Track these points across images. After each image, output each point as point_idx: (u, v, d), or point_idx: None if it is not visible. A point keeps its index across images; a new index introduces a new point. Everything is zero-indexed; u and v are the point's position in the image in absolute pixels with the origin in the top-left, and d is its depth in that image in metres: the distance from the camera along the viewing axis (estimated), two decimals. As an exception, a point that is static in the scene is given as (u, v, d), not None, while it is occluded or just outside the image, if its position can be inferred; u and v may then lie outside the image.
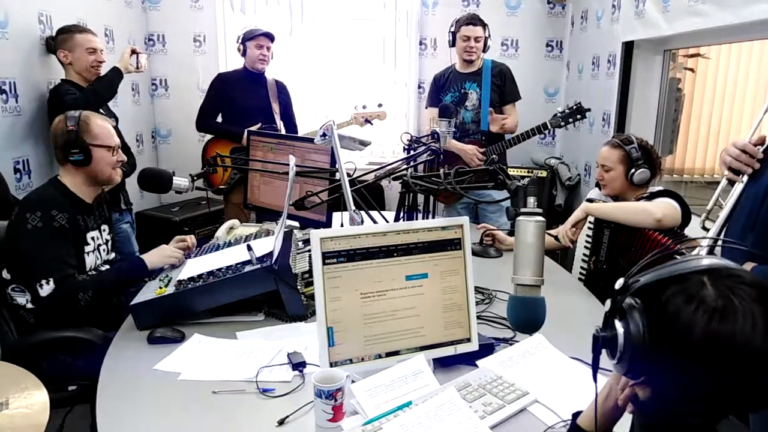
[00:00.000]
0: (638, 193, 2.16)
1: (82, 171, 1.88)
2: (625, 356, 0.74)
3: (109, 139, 1.91)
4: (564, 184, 3.98)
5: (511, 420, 1.19)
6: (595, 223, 2.13)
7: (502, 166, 1.37)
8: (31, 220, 1.75)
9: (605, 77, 3.61)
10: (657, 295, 0.72)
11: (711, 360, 0.68)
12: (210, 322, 1.65)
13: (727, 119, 3.75)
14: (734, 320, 0.67)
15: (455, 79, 3.23)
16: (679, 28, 2.72)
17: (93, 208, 1.97)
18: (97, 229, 1.97)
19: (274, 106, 3.37)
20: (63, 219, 1.79)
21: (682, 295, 0.70)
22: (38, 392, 1.18)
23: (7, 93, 2.42)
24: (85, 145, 1.84)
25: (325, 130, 1.68)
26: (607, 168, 2.18)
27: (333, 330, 1.25)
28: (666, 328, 0.70)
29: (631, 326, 0.73)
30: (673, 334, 0.70)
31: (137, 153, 3.83)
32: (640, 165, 2.11)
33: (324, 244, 1.25)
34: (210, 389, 1.30)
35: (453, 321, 1.35)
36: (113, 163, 1.93)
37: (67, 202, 1.85)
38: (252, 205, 2.58)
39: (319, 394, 1.13)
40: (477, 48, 3.11)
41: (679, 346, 0.69)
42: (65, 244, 1.80)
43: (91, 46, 2.62)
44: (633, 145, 2.14)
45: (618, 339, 0.74)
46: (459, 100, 3.19)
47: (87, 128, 1.86)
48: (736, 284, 0.70)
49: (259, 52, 3.26)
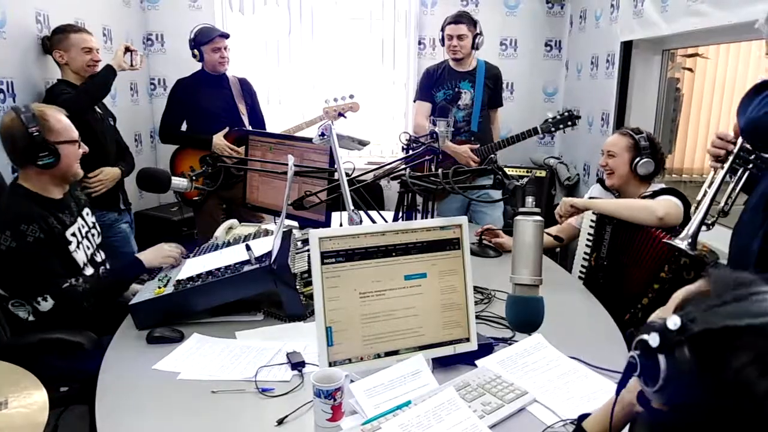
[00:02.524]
0: (640, 186, 2.17)
1: (48, 172, 1.77)
2: (666, 390, 0.67)
3: (71, 131, 1.82)
4: (563, 184, 3.98)
5: (510, 419, 1.18)
6: (597, 220, 2.12)
7: (500, 166, 1.38)
8: (3, 240, 1.66)
9: (604, 77, 3.61)
10: (721, 353, 0.62)
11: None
12: (209, 322, 1.65)
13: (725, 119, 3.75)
14: None
15: (450, 76, 3.19)
16: (677, 27, 2.73)
17: (65, 202, 1.87)
18: (78, 219, 1.91)
19: (240, 107, 3.25)
20: (35, 231, 1.69)
21: (758, 365, 0.60)
22: (37, 392, 1.18)
23: (5, 93, 2.41)
24: (51, 145, 1.74)
25: (324, 129, 1.68)
26: (612, 153, 2.17)
27: (332, 330, 1.25)
28: (727, 392, 0.62)
29: (680, 374, 0.65)
30: (733, 396, 0.62)
31: (135, 153, 3.82)
32: (646, 155, 2.11)
33: (323, 244, 1.25)
34: (209, 389, 1.30)
35: (452, 321, 1.35)
36: (78, 156, 1.84)
37: (34, 209, 1.74)
38: (251, 204, 2.58)
39: (318, 394, 1.13)
40: (461, 46, 3.07)
41: (736, 402, 0.62)
42: (46, 256, 1.72)
43: (86, 46, 2.61)
44: (642, 135, 2.15)
45: (660, 374, 0.67)
46: (452, 98, 3.17)
47: (47, 126, 1.75)
48: None
49: (217, 55, 3.12)
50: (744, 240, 1.49)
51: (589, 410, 0.99)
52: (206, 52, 3.13)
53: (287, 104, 4.27)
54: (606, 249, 2.10)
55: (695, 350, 0.64)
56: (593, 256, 2.15)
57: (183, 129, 3.27)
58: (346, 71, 4.26)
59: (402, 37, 4.29)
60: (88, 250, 1.92)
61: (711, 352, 0.63)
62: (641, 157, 2.11)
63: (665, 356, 0.66)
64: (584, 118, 3.94)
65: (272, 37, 4.19)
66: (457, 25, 3.06)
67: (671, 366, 0.66)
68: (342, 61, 4.26)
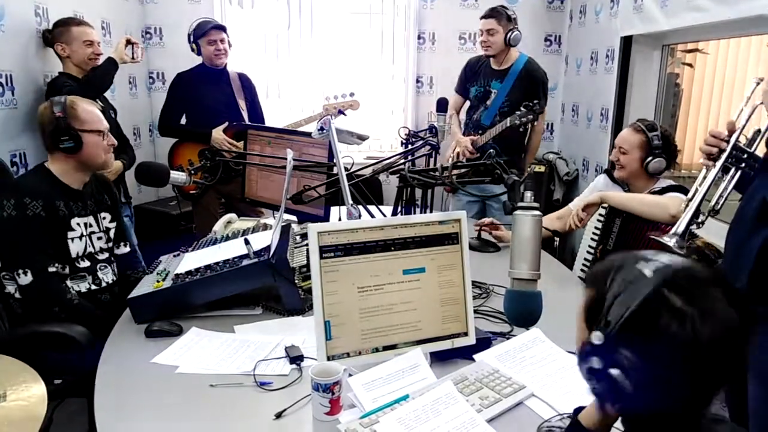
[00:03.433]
0: (648, 182, 2.16)
1: (72, 158, 1.86)
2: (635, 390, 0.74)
3: (98, 123, 1.89)
4: (562, 179, 3.98)
5: (507, 413, 1.19)
6: (607, 213, 2.12)
7: (499, 161, 1.37)
8: (6, 207, 1.73)
9: (603, 72, 3.61)
10: (643, 331, 0.73)
11: (695, 357, 0.72)
12: (207, 316, 1.65)
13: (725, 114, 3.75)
14: (711, 316, 0.71)
15: (485, 73, 3.14)
16: (677, 22, 2.72)
17: (82, 195, 1.93)
18: (90, 216, 1.94)
19: (239, 102, 3.24)
20: (37, 207, 1.76)
21: (663, 316, 0.72)
22: (36, 385, 1.18)
23: (4, 86, 2.41)
24: (74, 131, 1.82)
25: (323, 124, 1.68)
26: (624, 151, 2.15)
27: (330, 324, 1.25)
28: (658, 346, 0.73)
29: (631, 369, 0.73)
30: (664, 347, 0.72)
31: (134, 146, 3.81)
32: (658, 154, 2.09)
33: (321, 238, 1.25)
34: (207, 382, 1.30)
35: (450, 315, 1.35)
36: (105, 147, 1.90)
37: (44, 187, 1.81)
38: (250, 198, 2.58)
39: (316, 388, 1.13)
40: (491, 42, 3.01)
41: (670, 355, 0.72)
42: (39, 233, 1.77)
43: (88, 39, 2.61)
44: (656, 132, 2.11)
45: (623, 383, 0.74)
46: (482, 96, 3.13)
47: (74, 114, 1.83)
48: (692, 284, 0.74)
49: (213, 48, 3.09)
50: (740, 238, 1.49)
51: (585, 404, 0.99)
52: (203, 45, 3.12)
53: (287, 98, 4.26)
54: (614, 242, 2.10)
55: (626, 345, 0.73)
56: (599, 249, 2.14)
57: (182, 123, 3.27)
58: (346, 66, 4.25)
59: (401, 31, 4.28)
60: (88, 248, 1.93)
61: (637, 336, 0.73)
62: (653, 157, 2.09)
63: (614, 368, 0.73)
64: (584, 114, 3.94)
65: (271, 30, 4.18)
66: (487, 20, 3.01)
67: (623, 370, 0.73)
68: (341, 55, 4.25)
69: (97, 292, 1.95)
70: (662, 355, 0.72)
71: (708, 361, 0.72)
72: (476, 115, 3.13)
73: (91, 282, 1.93)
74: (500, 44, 3.02)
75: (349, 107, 3.33)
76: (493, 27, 2.98)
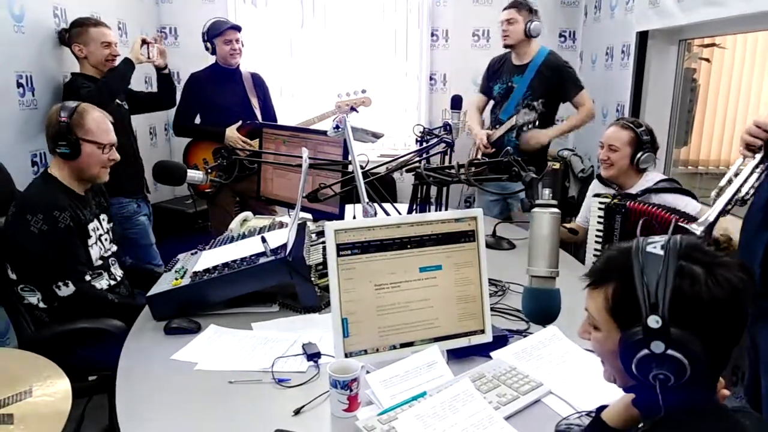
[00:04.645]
0: (637, 176, 2.21)
1: (68, 164, 1.85)
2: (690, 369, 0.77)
3: (102, 135, 1.87)
4: (577, 176, 3.95)
5: (525, 411, 1.19)
6: (605, 212, 2.12)
7: (517, 158, 1.37)
8: (34, 222, 1.72)
9: (619, 68, 3.58)
10: (691, 309, 0.76)
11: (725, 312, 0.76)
12: (225, 313, 1.67)
13: (743, 110, 3.70)
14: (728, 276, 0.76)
15: (507, 70, 3.12)
16: (694, 17, 2.69)
17: (87, 199, 1.95)
18: (95, 219, 1.96)
19: (252, 101, 3.27)
20: (66, 219, 1.77)
21: (695, 286, 0.76)
22: (61, 381, 1.20)
23: (24, 86, 2.44)
24: (74, 138, 1.80)
25: (338, 122, 1.68)
26: (615, 148, 2.19)
27: (348, 321, 1.26)
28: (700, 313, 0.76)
29: (691, 349, 0.75)
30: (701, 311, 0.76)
31: (150, 145, 3.86)
32: (647, 149, 2.15)
33: (338, 236, 1.26)
34: (226, 379, 1.31)
35: (467, 313, 1.35)
36: (103, 161, 1.88)
37: (64, 198, 1.82)
38: (265, 197, 2.60)
39: (334, 384, 1.14)
40: (510, 31, 2.98)
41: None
42: (75, 243, 1.80)
43: (105, 40, 2.63)
44: (643, 128, 2.17)
45: (685, 364, 0.76)
46: (505, 93, 3.11)
47: (80, 122, 1.82)
48: (698, 251, 0.79)
49: (228, 47, 3.12)
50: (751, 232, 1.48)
51: (605, 402, 0.99)
52: (218, 45, 3.14)
53: (300, 97, 4.27)
54: (618, 238, 2.10)
55: (680, 322, 0.75)
56: (605, 248, 2.14)
57: (197, 122, 3.29)
58: (359, 63, 4.26)
59: (415, 28, 4.27)
60: (101, 252, 1.97)
61: (685, 311, 0.75)
62: (643, 151, 2.14)
63: (674, 349, 0.75)
64: (599, 110, 3.91)
65: (285, 29, 4.20)
66: (507, 10, 3.00)
67: (684, 350, 0.74)
68: (354, 53, 4.25)
69: (114, 287, 1.99)
70: (704, 322, 0.75)
71: (734, 313, 0.76)
72: (499, 111, 3.12)
73: (108, 278, 1.96)
74: (519, 34, 2.98)
75: (361, 104, 3.33)
76: (513, 17, 2.97)
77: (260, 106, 3.33)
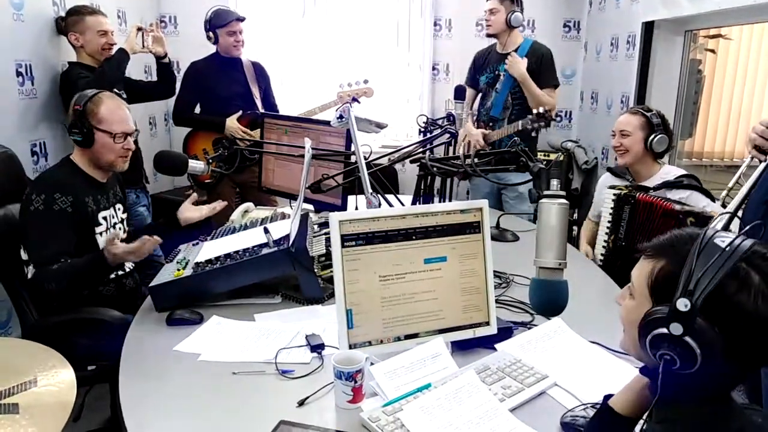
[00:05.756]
0: (653, 164, 2.20)
1: (86, 152, 1.87)
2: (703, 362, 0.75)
3: (116, 125, 1.85)
4: (581, 168, 3.93)
5: (530, 403, 1.18)
6: (616, 201, 2.11)
7: (525, 149, 1.35)
8: (35, 201, 1.75)
9: (624, 58, 3.55)
10: (728, 305, 0.74)
11: None
12: (228, 305, 1.66)
13: (748, 102, 3.67)
14: None
15: (493, 59, 3.12)
16: (701, 7, 2.66)
17: (106, 187, 1.96)
18: (111, 208, 1.97)
19: (254, 90, 3.23)
20: (65, 203, 1.76)
21: (743, 292, 0.74)
22: (65, 371, 1.20)
23: (24, 75, 2.42)
24: (87, 126, 1.81)
25: (342, 112, 1.66)
26: (627, 133, 2.20)
27: (352, 312, 1.25)
28: (735, 324, 0.74)
29: (710, 342, 0.74)
30: (737, 323, 0.74)
31: (150, 135, 3.84)
32: (660, 131, 2.16)
33: (343, 227, 1.24)
34: (230, 370, 1.31)
35: (471, 304, 1.34)
36: (117, 150, 1.87)
37: (75, 182, 1.83)
38: (266, 188, 2.58)
39: (339, 376, 1.13)
40: (492, 20, 3.00)
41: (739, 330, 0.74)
42: (61, 228, 1.77)
43: (102, 29, 2.60)
44: (653, 112, 2.19)
45: (696, 354, 0.74)
46: (492, 81, 3.10)
47: (93, 110, 1.82)
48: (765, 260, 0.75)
49: (232, 39, 3.08)
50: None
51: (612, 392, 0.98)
52: (221, 35, 3.10)
53: (301, 87, 4.24)
54: (624, 230, 2.09)
55: (709, 316, 0.73)
56: (611, 239, 2.13)
57: (197, 112, 3.27)
58: (361, 53, 4.22)
59: (417, 18, 4.23)
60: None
61: (716, 307, 0.73)
62: (655, 134, 2.15)
63: (691, 337, 0.74)
64: (603, 101, 3.88)
65: (286, 18, 4.16)
66: (490, 0, 3.01)
67: (701, 341, 0.73)
68: (357, 43, 4.22)
69: (122, 278, 1.98)
70: (734, 328, 0.74)
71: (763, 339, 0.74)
72: (488, 102, 3.10)
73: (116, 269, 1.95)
74: (501, 24, 3.00)
75: (363, 94, 3.30)
76: (495, 7, 2.99)
77: (261, 96, 3.29)
